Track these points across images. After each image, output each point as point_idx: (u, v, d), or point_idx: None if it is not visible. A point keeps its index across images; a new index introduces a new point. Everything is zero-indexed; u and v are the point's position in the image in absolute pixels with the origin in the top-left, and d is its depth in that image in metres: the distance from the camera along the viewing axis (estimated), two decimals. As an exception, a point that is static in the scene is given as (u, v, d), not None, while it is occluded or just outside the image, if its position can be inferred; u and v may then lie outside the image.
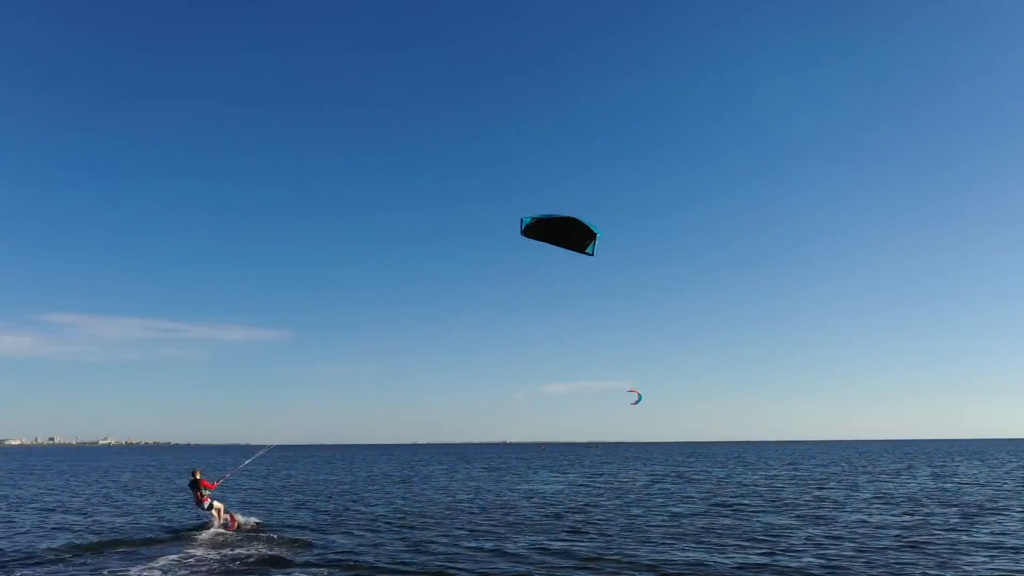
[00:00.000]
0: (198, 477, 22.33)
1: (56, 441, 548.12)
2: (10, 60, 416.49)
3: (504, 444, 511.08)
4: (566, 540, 21.17)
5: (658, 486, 44.42)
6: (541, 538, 21.30)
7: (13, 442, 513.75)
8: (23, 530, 25.21)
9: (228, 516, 23.08)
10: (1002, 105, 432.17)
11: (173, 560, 18.09)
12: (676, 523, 24.82)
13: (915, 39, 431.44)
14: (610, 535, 22.19)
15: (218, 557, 18.60)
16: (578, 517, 27.12)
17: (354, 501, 35.30)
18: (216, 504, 22.63)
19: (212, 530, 22.26)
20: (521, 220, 11.51)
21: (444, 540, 21.30)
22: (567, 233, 11.76)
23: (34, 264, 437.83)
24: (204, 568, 17.32)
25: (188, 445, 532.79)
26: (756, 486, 43.18)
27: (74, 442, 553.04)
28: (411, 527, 24.79)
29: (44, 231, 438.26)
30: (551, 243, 11.94)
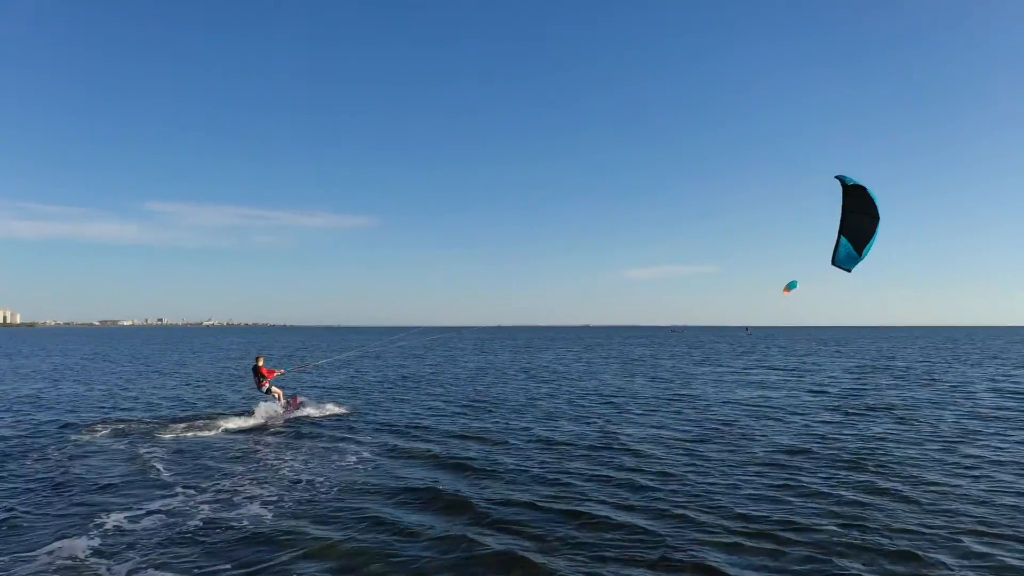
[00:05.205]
0: (260, 364, 22.13)
1: (164, 322, 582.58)
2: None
3: (586, 327, 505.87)
4: None
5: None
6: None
7: (125, 323, 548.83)
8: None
9: (289, 400, 22.43)
10: None
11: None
12: None
13: None
14: None
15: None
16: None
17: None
18: (275, 389, 22.14)
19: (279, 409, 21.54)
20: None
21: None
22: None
23: (134, 155, 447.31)
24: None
25: (284, 327, 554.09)
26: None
27: (180, 323, 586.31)
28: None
29: (142, 124, 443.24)
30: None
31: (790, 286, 35.47)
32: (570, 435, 17.93)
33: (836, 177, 11.56)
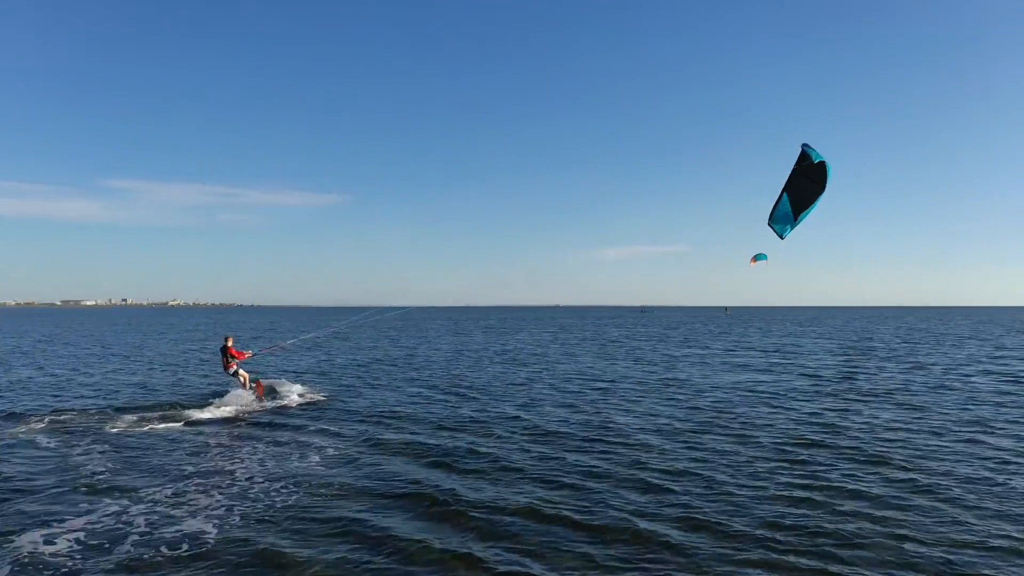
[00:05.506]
0: (229, 344, 20.64)
1: (129, 302, 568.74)
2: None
3: (556, 307, 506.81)
4: None
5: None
6: None
7: (88, 303, 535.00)
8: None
9: (255, 384, 20.90)
10: None
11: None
12: None
13: None
14: None
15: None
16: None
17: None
18: (242, 372, 20.75)
19: (241, 394, 20.09)
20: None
21: None
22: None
23: (97, 131, 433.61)
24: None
25: (252, 307, 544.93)
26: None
27: (145, 303, 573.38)
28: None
29: (104, 99, 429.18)
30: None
31: (758, 257, 34.35)
32: (562, 425, 16.47)
33: (802, 145, 10.79)
